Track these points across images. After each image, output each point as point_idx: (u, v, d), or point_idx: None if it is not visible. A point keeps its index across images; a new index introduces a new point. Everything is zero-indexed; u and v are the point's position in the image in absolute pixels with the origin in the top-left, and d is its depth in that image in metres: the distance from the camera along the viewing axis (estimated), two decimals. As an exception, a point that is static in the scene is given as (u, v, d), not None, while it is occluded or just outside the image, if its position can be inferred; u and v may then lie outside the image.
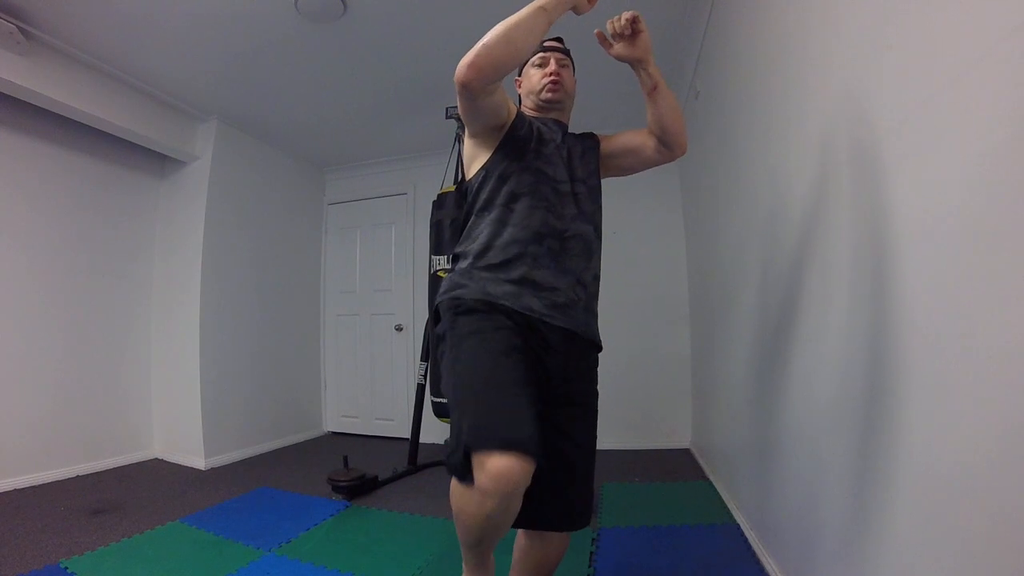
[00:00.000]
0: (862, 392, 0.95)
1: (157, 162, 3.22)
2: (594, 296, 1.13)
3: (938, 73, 0.71)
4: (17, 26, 2.14)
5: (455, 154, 2.76)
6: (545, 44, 1.20)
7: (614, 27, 1.07)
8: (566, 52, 1.23)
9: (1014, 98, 0.57)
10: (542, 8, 0.95)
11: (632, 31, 1.06)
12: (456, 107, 1.34)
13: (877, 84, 0.88)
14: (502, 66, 0.92)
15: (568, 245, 1.06)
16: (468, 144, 1.14)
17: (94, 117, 2.58)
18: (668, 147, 1.17)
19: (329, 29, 2.29)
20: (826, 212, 1.11)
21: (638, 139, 1.21)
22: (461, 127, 2.64)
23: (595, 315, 1.14)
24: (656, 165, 1.23)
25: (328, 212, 4.14)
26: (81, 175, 2.83)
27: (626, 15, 1.05)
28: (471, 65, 0.90)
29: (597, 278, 1.14)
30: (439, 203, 2.45)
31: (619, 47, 1.09)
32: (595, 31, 1.09)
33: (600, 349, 1.15)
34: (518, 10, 0.95)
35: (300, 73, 2.67)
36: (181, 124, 3.04)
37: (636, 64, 1.10)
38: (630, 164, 1.25)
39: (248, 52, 2.46)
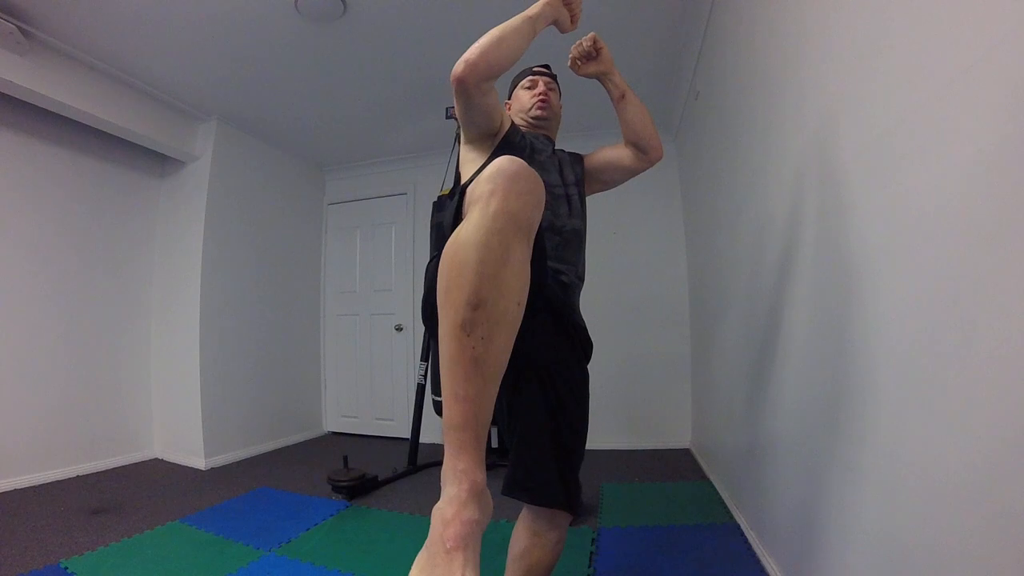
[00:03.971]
0: (850, 392, 0.95)
1: (157, 162, 3.22)
2: (581, 289, 1.20)
3: (937, 73, 0.71)
4: (17, 26, 2.14)
5: (455, 154, 2.75)
6: (534, 69, 1.32)
7: (581, 50, 1.21)
8: (553, 76, 1.33)
9: (1013, 96, 0.57)
10: (530, 18, 1.05)
11: (595, 49, 1.21)
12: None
13: (875, 85, 0.87)
14: (495, 64, 0.99)
15: (566, 239, 1.13)
16: (464, 149, 1.18)
17: (94, 117, 2.58)
18: (644, 152, 1.27)
19: (329, 29, 2.29)
20: (821, 214, 1.11)
21: (616, 151, 1.31)
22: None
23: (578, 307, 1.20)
24: (638, 173, 1.31)
25: (328, 212, 4.14)
26: (81, 175, 2.82)
27: (587, 39, 1.20)
28: (467, 62, 0.96)
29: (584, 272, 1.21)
30: (439, 205, 2.45)
31: (587, 66, 1.23)
32: (568, 65, 1.24)
33: (590, 342, 1.17)
34: (514, 10, 1.04)
35: (300, 73, 2.67)
36: (181, 124, 3.04)
37: (603, 77, 1.24)
38: (612, 177, 1.34)
39: (248, 52, 2.46)
